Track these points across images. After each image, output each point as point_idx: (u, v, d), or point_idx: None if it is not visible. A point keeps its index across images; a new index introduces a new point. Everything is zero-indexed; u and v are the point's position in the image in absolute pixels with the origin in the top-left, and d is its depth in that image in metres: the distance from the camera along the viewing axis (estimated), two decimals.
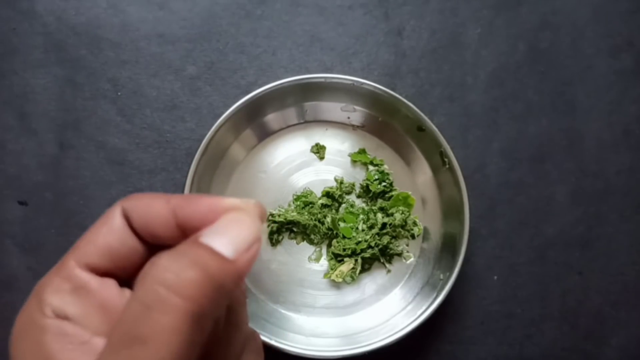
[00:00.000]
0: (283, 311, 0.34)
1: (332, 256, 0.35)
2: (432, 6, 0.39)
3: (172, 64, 0.37)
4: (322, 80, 0.34)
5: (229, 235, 0.17)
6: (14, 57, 0.37)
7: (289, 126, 0.36)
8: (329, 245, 0.35)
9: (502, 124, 0.38)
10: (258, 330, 0.30)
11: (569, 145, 0.38)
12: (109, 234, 0.19)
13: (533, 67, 0.38)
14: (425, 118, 0.34)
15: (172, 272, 0.15)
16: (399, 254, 0.35)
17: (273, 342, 0.31)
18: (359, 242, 0.35)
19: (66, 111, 0.37)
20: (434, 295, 0.33)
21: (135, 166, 0.36)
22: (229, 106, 0.37)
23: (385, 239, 0.35)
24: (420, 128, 0.34)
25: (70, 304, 0.18)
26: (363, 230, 0.35)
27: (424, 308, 0.32)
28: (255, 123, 0.35)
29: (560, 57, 0.39)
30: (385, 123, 0.36)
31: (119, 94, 0.37)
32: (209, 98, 0.37)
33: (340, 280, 0.34)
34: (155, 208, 0.19)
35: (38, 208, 0.36)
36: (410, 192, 0.36)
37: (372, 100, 0.35)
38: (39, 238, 0.35)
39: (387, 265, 0.35)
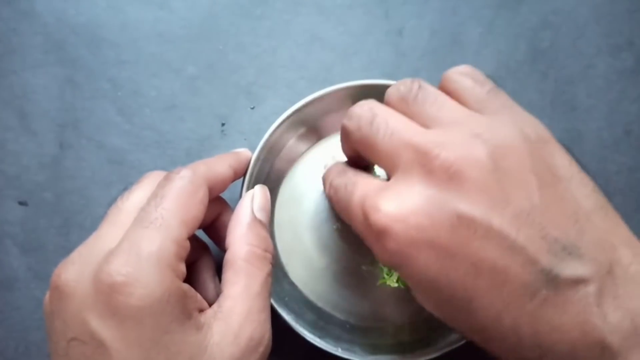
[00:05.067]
0: (341, 317, 0.34)
1: None
2: (432, 6, 0.39)
3: (172, 63, 0.37)
4: (378, 84, 0.33)
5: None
6: (14, 57, 0.37)
7: (338, 131, 0.36)
8: None
9: None
10: (318, 338, 0.31)
11: (569, 145, 0.38)
12: (201, 206, 0.25)
13: (533, 67, 0.38)
14: None
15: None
16: None
17: (339, 351, 0.31)
18: None
19: (66, 111, 0.37)
20: None
21: (135, 166, 0.36)
22: (229, 106, 0.37)
23: None
24: None
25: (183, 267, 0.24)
26: None
27: None
28: (308, 126, 0.35)
29: (560, 56, 0.38)
30: None
31: (119, 93, 0.37)
32: (209, 98, 0.37)
33: (396, 285, 0.34)
34: (224, 172, 0.28)
35: (38, 208, 0.36)
36: None
37: None
38: (39, 238, 0.35)
39: None
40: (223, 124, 0.37)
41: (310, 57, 0.38)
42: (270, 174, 0.34)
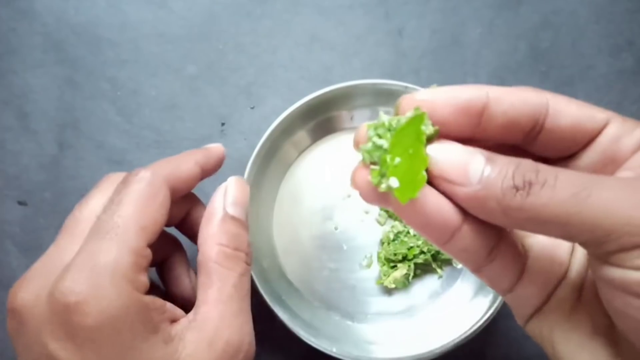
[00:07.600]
0: (337, 317, 0.34)
1: (384, 262, 0.34)
2: (432, 6, 0.39)
3: (172, 63, 0.37)
4: (372, 84, 0.33)
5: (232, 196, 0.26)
6: (14, 57, 0.37)
7: (337, 131, 0.36)
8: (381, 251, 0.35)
9: None
10: (313, 338, 0.31)
11: None
12: (162, 209, 0.23)
13: (534, 67, 0.38)
14: None
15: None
16: (450, 259, 0.34)
17: (334, 350, 0.31)
18: (411, 247, 0.34)
19: (66, 111, 0.37)
20: (489, 299, 0.32)
21: (134, 166, 0.36)
22: (229, 106, 0.37)
23: None
24: None
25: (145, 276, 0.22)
26: (415, 235, 0.34)
27: (479, 313, 0.31)
28: (307, 126, 0.35)
29: (560, 56, 0.38)
30: None
31: (119, 93, 0.37)
32: (208, 98, 0.37)
33: (392, 286, 0.34)
34: (189, 171, 0.26)
35: (38, 208, 0.36)
36: None
37: None
38: (39, 238, 0.35)
39: (439, 270, 0.34)
40: (223, 124, 0.37)
41: (310, 57, 0.38)
42: (270, 174, 0.34)
